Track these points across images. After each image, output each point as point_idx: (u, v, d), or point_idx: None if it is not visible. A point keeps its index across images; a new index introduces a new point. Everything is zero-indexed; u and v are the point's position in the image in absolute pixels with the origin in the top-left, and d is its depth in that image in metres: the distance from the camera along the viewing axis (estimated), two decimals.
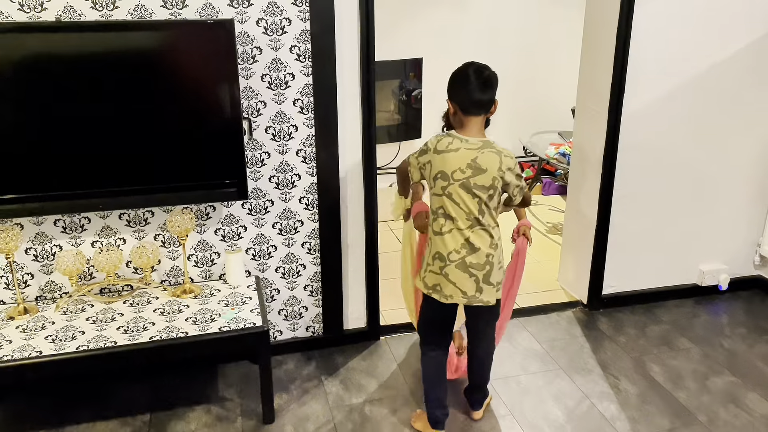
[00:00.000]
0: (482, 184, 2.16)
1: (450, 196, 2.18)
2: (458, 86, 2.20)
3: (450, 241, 2.21)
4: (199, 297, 2.60)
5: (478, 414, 2.56)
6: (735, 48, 3.10)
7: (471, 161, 2.15)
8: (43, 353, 2.23)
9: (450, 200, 2.19)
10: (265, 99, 2.59)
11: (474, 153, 2.16)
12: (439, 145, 2.19)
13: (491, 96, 2.19)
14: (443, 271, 2.24)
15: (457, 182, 2.16)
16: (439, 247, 2.23)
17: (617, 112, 3.04)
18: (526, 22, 5.27)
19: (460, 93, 2.19)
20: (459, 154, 2.16)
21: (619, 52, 2.96)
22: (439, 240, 2.23)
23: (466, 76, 2.17)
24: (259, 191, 2.70)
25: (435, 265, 2.25)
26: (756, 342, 3.10)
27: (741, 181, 3.37)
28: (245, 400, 2.67)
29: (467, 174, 2.15)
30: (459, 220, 2.20)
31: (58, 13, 2.29)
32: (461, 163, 2.16)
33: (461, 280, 2.23)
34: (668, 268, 3.44)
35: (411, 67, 4.99)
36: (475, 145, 2.17)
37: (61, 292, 2.62)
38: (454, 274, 2.23)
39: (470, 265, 2.22)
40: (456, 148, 2.17)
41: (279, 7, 2.49)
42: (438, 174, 2.19)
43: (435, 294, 2.28)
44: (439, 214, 2.23)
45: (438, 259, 2.24)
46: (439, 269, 2.25)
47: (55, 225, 2.53)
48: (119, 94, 2.33)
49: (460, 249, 2.21)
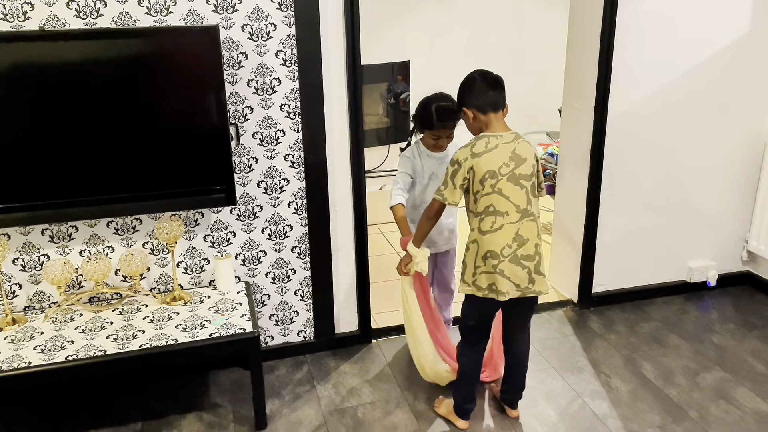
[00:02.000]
0: (525, 173, 2.25)
1: (500, 191, 2.22)
2: (470, 91, 2.29)
3: (501, 237, 2.24)
4: (189, 304, 2.60)
5: (517, 412, 2.58)
6: (719, 47, 3.13)
7: (512, 153, 2.23)
8: (32, 364, 2.22)
9: (500, 195, 2.22)
10: (252, 104, 2.59)
11: (512, 145, 2.24)
12: (476, 149, 2.22)
13: (503, 94, 2.28)
14: (497, 268, 2.25)
15: (504, 177, 2.22)
16: (491, 245, 2.24)
17: (603, 111, 3.06)
18: (512, 24, 5.30)
19: (473, 97, 2.28)
20: (500, 150, 2.22)
21: (604, 51, 2.98)
22: (490, 238, 2.24)
23: (475, 80, 2.29)
24: (247, 197, 2.70)
25: (487, 264, 2.26)
26: (745, 337, 3.12)
27: (727, 178, 3.39)
28: (237, 406, 2.66)
29: (512, 166, 2.22)
30: (509, 214, 2.24)
31: (41, 22, 2.28)
32: (504, 157, 2.22)
33: (515, 273, 2.26)
34: (657, 265, 3.46)
35: (399, 70, 5.00)
36: (509, 138, 2.25)
37: (50, 302, 2.61)
38: (508, 269, 2.25)
39: (522, 257, 2.26)
40: (495, 144, 2.23)
41: (264, 12, 2.49)
42: (486, 174, 2.21)
43: (492, 294, 2.28)
44: (488, 212, 2.24)
45: (490, 257, 2.25)
46: (492, 267, 2.25)
47: (42, 234, 2.51)
48: (105, 102, 2.32)
49: (512, 243, 2.24)
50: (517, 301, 2.31)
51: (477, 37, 5.21)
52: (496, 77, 2.29)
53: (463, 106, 2.31)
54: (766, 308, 3.37)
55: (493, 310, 2.41)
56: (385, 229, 4.49)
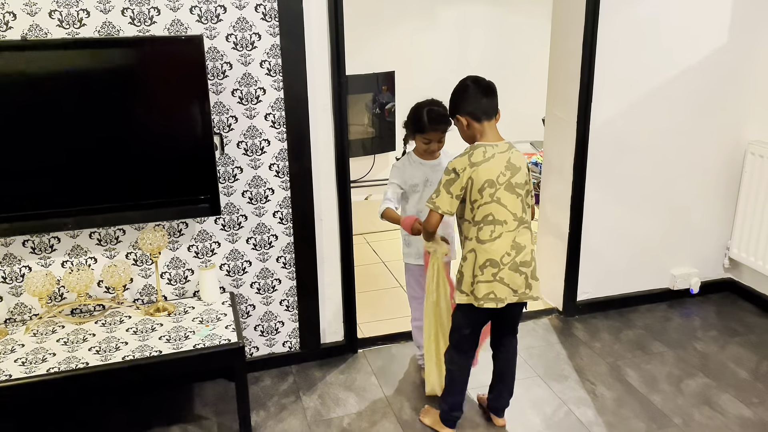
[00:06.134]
0: (520, 182, 2.27)
1: (499, 200, 2.24)
2: (463, 98, 2.30)
3: (500, 246, 2.25)
4: (173, 315, 2.57)
5: (503, 420, 2.59)
6: (698, 56, 3.19)
7: (507, 162, 2.25)
8: (12, 377, 2.18)
9: (498, 204, 2.24)
10: (237, 114, 2.58)
11: (507, 154, 2.26)
12: (474, 159, 2.23)
13: (496, 100, 2.30)
14: (497, 276, 2.26)
15: (502, 186, 2.24)
16: (490, 254, 2.25)
17: (586, 120, 3.10)
18: (495, 35, 5.34)
19: (467, 104, 2.28)
20: (496, 159, 2.24)
21: (586, 61, 3.02)
22: (489, 247, 2.25)
23: (467, 87, 2.30)
24: (232, 206, 2.69)
25: (486, 273, 2.26)
26: (727, 343, 3.15)
27: (709, 186, 3.44)
28: (222, 418, 2.64)
29: (508, 175, 2.24)
30: (507, 222, 2.25)
31: (23, 32, 2.26)
32: (500, 166, 2.24)
33: (513, 280, 2.28)
34: (641, 273, 3.49)
35: (383, 80, 5.02)
36: (503, 147, 2.27)
37: (31, 314, 2.57)
38: (507, 276, 2.27)
39: (520, 264, 2.28)
40: (492, 154, 2.24)
41: (248, 22, 2.49)
42: (485, 183, 2.22)
43: (489, 303, 2.28)
44: (486, 222, 2.25)
45: (490, 266, 2.25)
46: (492, 276, 2.26)
47: (23, 246, 2.48)
48: (88, 111, 2.31)
49: (510, 251, 2.26)
50: (509, 306, 2.33)
51: (461, 47, 5.25)
52: (488, 83, 2.30)
53: (456, 114, 2.31)
54: (747, 315, 3.41)
55: (488, 317, 2.42)
56: (370, 239, 4.49)
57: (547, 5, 3.38)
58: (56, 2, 2.27)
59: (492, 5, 5.29)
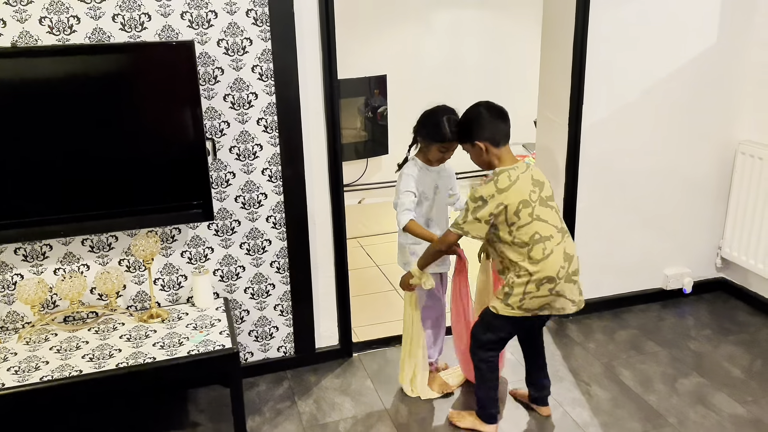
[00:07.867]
0: (548, 194, 2.32)
1: (538, 217, 2.25)
2: (480, 125, 2.31)
3: (555, 261, 2.26)
4: (167, 321, 2.56)
5: (549, 409, 2.65)
6: (688, 57, 3.21)
7: (532, 180, 2.29)
8: (5, 385, 2.17)
9: (539, 221, 2.25)
10: (229, 119, 2.58)
11: (528, 173, 2.29)
12: (501, 185, 2.23)
13: (509, 124, 2.32)
14: (554, 291, 2.28)
15: (536, 203, 2.26)
16: (547, 272, 2.25)
17: (577, 122, 3.11)
18: (487, 38, 5.37)
19: (485, 130, 2.30)
20: (522, 180, 2.26)
21: (576, 64, 3.03)
22: (544, 265, 2.25)
23: (482, 114, 2.32)
24: (225, 212, 2.68)
25: (542, 290, 2.27)
26: (721, 343, 3.16)
27: (700, 186, 3.45)
28: (217, 424, 2.63)
29: (538, 192, 2.28)
30: (553, 236, 2.27)
31: (14, 38, 2.26)
32: (528, 185, 2.27)
33: (570, 291, 2.31)
34: (634, 273, 3.50)
35: (376, 84, 5.04)
36: (522, 167, 2.31)
37: (24, 322, 2.56)
38: (564, 288, 2.29)
39: (572, 273, 2.31)
40: (516, 176, 2.26)
41: (239, 27, 2.49)
42: (519, 205, 2.23)
43: (543, 311, 2.32)
44: (535, 241, 2.25)
45: (547, 282, 2.26)
46: (548, 291, 2.28)
47: (15, 253, 2.47)
48: (80, 118, 2.30)
49: (564, 263, 2.28)
50: None
51: (453, 50, 5.27)
52: (501, 108, 2.33)
53: (474, 140, 2.30)
54: (740, 314, 3.43)
55: (530, 323, 2.43)
56: (364, 243, 4.49)
57: (538, 9, 3.40)
58: (46, 9, 2.26)
59: (483, 9, 5.32)
